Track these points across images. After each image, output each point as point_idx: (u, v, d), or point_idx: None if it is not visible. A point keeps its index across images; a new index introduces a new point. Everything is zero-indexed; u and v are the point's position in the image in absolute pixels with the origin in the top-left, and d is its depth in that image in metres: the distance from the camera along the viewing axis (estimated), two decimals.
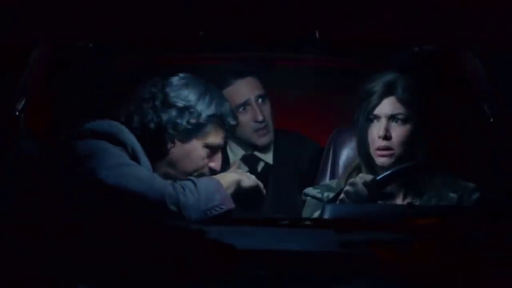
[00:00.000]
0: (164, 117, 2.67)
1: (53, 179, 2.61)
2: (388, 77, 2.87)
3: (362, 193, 2.62)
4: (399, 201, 2.84)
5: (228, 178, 2.64)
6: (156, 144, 2.68)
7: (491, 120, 3.02)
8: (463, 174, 2.86)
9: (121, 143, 2.59)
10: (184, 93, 2.71)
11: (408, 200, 2.84)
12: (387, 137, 2.81)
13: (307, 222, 2.20)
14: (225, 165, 3.52)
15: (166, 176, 2.66)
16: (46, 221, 2.59)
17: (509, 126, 3.01)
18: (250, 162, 3.52)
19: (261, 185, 2.70)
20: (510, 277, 1.75)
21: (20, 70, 3.00)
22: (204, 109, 2.70)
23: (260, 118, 3.43)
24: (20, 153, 2.63)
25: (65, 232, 1.91)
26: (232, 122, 2.77)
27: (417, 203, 2.81)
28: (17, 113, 2.95)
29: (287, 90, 3.73)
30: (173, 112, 2.68)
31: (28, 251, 1.80)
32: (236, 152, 3.54)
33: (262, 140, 3.48)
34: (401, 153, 2.81)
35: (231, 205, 2.54)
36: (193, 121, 2.68)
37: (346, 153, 3.18)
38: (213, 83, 3.46)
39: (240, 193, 2.65)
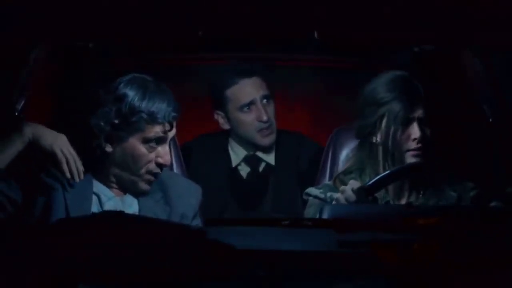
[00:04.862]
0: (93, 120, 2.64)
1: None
2: (400, 77, 2.85)
3: (351, 199, 2.60)
4: (399, 201, 2.84)
5: None
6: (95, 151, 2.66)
7: (491, 120, 3.02)
8: (462, 174, 2.86)
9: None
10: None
11: (407, 200, 2.84)
12: (422, 139, 2.77)
13: (307, 222, 2.20)
14: (229, 165, 3.53)
15: (120, 180, 2.68)
16: (46, 221, 2.59)
17: (509, 126, 3.01)
18: (252, 163, 3.52)
19: None
20: (510, 277, 1.75)
21: (20, 70, 3.00)
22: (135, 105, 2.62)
23: (264, 118, 3.42)
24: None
25: (65, 231, 1.91)
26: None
27: (417, 203, 2.81)
28: (17, 113, 2.96)
29: (287, 90, 3.73)
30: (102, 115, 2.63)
31: (28, 251, 1.80)
32: (238, 152, 3.53)
33: (265, 141, 3.47)
34: (428, 153, 2.78)
35: None
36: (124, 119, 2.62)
37: (346, 153, 3.18)
38: (217, 81, 3.48)
39: None
